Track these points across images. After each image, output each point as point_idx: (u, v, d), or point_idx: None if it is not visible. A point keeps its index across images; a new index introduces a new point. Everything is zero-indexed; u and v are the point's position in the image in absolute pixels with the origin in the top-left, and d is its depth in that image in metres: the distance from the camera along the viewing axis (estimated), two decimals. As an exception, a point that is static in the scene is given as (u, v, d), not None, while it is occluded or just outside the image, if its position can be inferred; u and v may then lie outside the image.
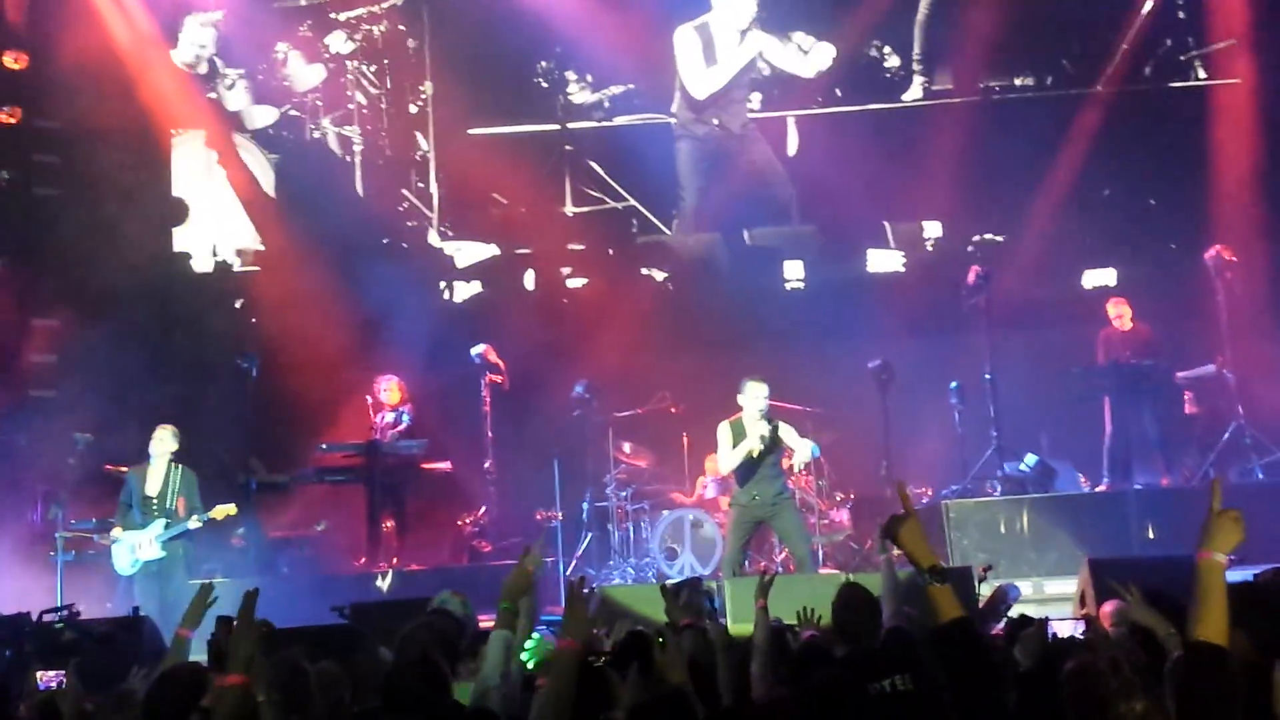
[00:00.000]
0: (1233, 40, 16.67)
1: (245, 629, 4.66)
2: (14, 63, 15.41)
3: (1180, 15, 17.05)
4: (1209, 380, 14.54)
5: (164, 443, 12.27)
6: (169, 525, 12.01)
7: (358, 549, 14.25)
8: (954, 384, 14.59)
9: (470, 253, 17.31)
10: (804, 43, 17.23)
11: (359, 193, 17.35)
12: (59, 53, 15.67)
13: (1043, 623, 5.62)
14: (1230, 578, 3.88)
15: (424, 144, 17.39)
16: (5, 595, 10.40)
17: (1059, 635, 5.80)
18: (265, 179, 17.31)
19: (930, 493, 14.41)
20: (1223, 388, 14.37)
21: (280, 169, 17.27)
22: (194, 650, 6.05)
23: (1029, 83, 17.29)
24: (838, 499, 14.34)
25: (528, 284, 17.16)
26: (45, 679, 6.09)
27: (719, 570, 12.93)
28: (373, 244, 16.95)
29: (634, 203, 17.31)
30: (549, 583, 13.47)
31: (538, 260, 17.25)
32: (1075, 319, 15.21)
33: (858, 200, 16.99)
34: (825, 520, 14.18)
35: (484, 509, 14.94)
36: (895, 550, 10.99)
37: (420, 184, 17.41)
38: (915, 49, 17.23)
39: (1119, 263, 16.58)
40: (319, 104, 17.38)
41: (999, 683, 4.26)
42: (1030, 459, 14.31)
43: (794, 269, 17.02)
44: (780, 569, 12.92)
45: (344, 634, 9.02)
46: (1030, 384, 14.92)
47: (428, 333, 15.70)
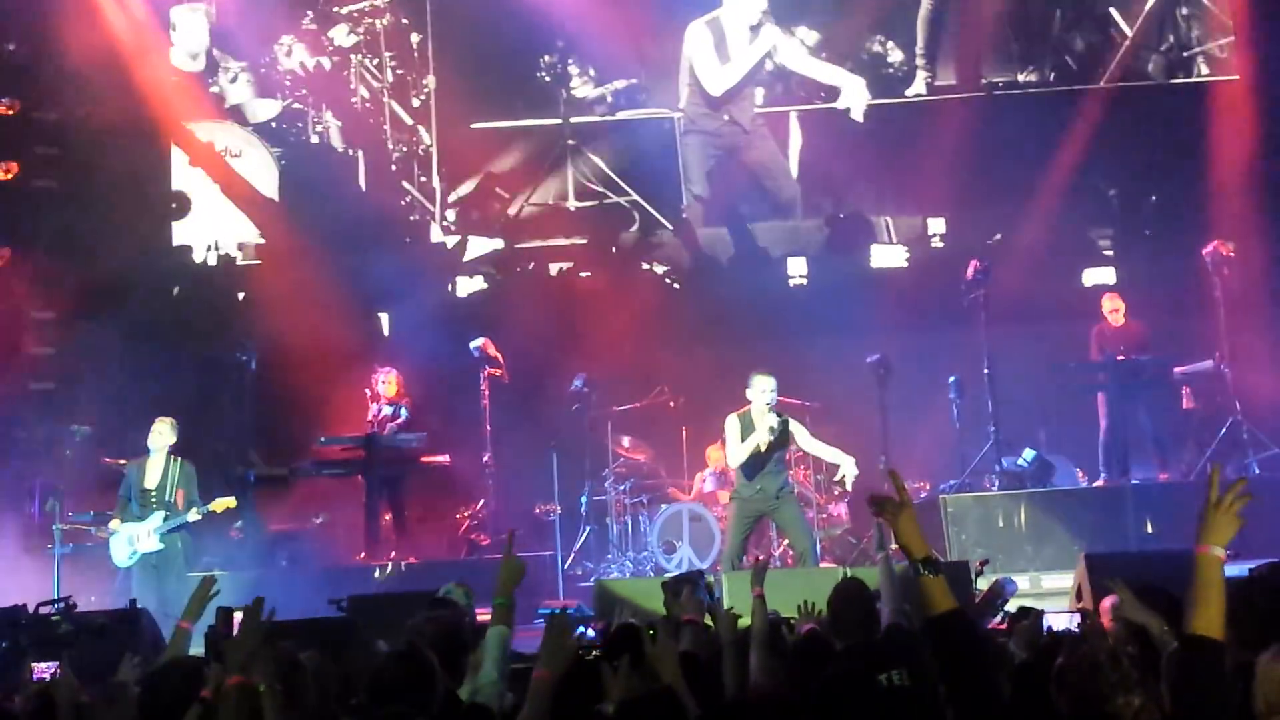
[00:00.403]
0: (1231, 37, 16.68)
1: (250, 633, 4.66)
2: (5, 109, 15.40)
3: (1183, 11, 17.05)
4: (1207, 375, 14.53)
5: (163, 435, 12.27)
6: (168, 518, 12.01)
7: (356, 542, 14.24)
8: (952, 379, 14.59)
9: (472, 247, 17.30)
10: (808, 38, 17.20)
11: (361, 186, 17.32)
12: (58, 45, 15.65)
13: (1038, 614, 5.62)
14: (1227, 572, 3.89)
15: (426, 138, 17.38)
16: (2, 588, 10.39)
17: (1054, 628, 5.79)
18: (268, 172, 17.30)
19: (928, 487, 14.41)
20: (1220, 383, 14.38)
21: (282, 162, 17.26)
22: (195, 643, 6.06)
23: (1032, 79, 17.27)
24: (836, 493, 14.33)
25: (529, 278, 17.14)
26: (39, 670, 6.08)
27: (717, 564, 12.94)
28: (375, 238, 16.95)
29: (636, 197, 17.29)
30: (548, 576, 13.50)
31: (539, 255, 17.24)
32: (1075, 315, 15.19)
33: (860, 196, 16.99)
34: (824, 514, 14.19)
35: (482, 502, 14.94)
36: (893, 545, 11.03)
37: (423, 178, 17.40)
38: (918, 44, 17.21)
39: (1119, 259, 16.58)
40: (321, 97, 17.37)
41: (992, 674, 4.26)
42: (1028, 454, 14.32)
43: (797, 265, 16.99)
44: (778, 562, 12.95)
45: (339, 627, 9.04)
46: (1029, 379, 14.92)
47: (429, 326, 15.69)
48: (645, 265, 17.25)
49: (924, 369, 14.89)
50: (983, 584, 10.62)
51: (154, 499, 12.12)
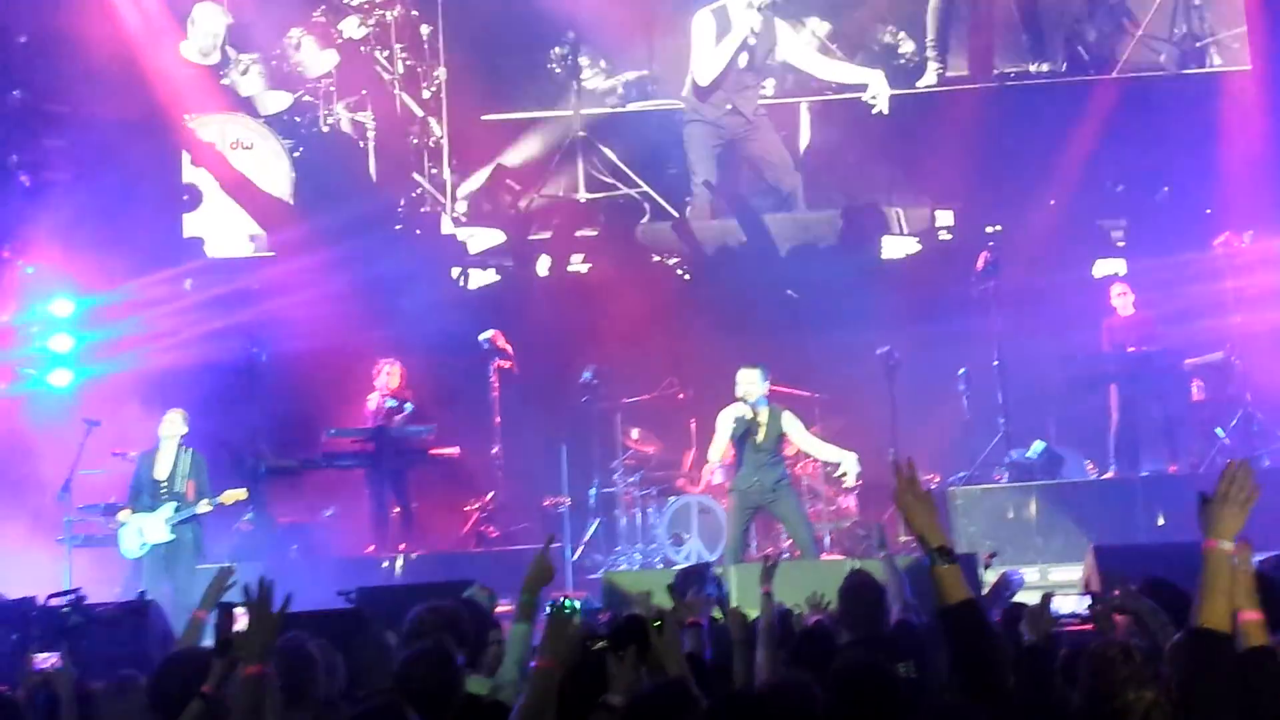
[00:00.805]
0: (1241, 28, 16.60)
1: (262, 619, 4.56)
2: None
3: (1195, 1, 16.96)
4: (1217, 367, 14.50)
5: (174, 425, 12.29)
6: (179, 509, 12.03)
7: (366, 534, 14.24)
8: (962, 370, 14.57)
9: (483, 239, 17.29)
10: (819, 29, 17.15)
11: (372, 178, 17.31)
12: (69, 37, 15.65)
13: (1047, 596, 5.62)
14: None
15: (437, 130, 17.36)
16: (12, 579, 10.42)
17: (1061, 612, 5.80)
18: (280, 165, 17.29)
19: (937, 479, 14.38)
20: (1230, 374, 14.34)
21: (294, 155, 17.25)
22: (211, 633, 6.04)
23: (1044, 69, 17.20)
24: (837, 476, 14.29)
25: (540, 270, 17.14)
26: (39, 661, 6.07)
27: (722, 558, 12.95)
28: (386, 230, 16.94)
29: (647, 189, 17.26)
30: (556, 568, 13.46)
31: (550, 246, 17.22)
32: (1085, 306, 15.15)
33: (871, 187, 16.93)
34: (832, 507, 14.17)
35: (492, 495, 14.93)
36: (902, 539, 11.01)
37: (433, 169, 17.39)
38: (930, 35, 17.14)
39: (1130, 250, 16.50)
40: (333, 90, 17.35)
41: (1003, 665, 4.25)
42: (1037, 446, 14.29)
43: (806, 261, 16.89)
44: (788, 554, 12.94)
45: (348, 618, 9.04)
46: (1039, 371, 14.88)
47: (440, 319, 15.67)
48: (656, 257, 17.21)
49: (933, 360, 14.86)
50: (990, 577, 10.63)
51: (164, 490, 12.14)
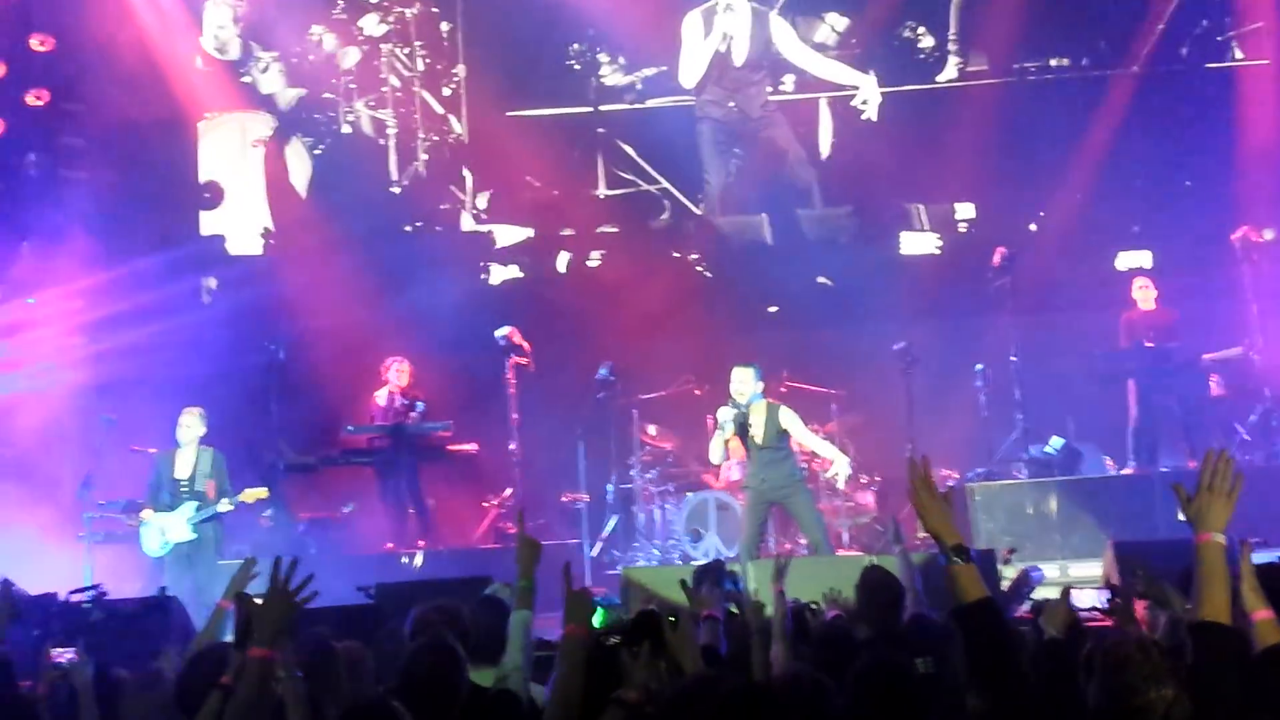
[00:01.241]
0: (1259, 24, 16.53)
1: (274, 599, 4.56)
2: (40, 45, 15.46)
3: (1217, -6, 16.88)
4: (1236, 362, 14.45)
5: (191, 429, 12.34)
6: (200, 508, 12.07)
7: (386, 530, 14.28)
8: (979, 366, 14.55)
9: (503, 235, 17.30)
10: (837, 24, 17.10)
11: (392, 176, 17.33)
12: (86, 35, 15.71)
13: (1066, 591, 5.64)
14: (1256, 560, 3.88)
15: (457, 127, 17.38)
16: (33, 575, 10.46)
17: (1081, 605, 5.82)
18: (300, 163, 17.33)
19: (956, 475, 14.37)
20: (1250, 369, 14.30)
21: (314, 152, 17.29)
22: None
23: (1064, 63, 17.10)
24: (862, 481, 14.30)
25: (560, 267, 17.14)
26: (57, 655, 6.11)
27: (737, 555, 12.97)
28: (406, 227, 16.95)
29: (667, 185, 17.25)
30: (575, 565, 13.48)
31: (569, 243, 17.22)
32: (1106, 301, 15.09)
33: (890, 182, 16.89)
34: (850, 503, 14.16)
35: (509, 491, 14.95)
36: (920, 536, 11.00)
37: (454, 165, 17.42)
38: (951, 29, 17.07)
39: (1154, 243, 16.38)
40: (353, 87, 17.37)
41: (1020, 664, 4.26)
42: (1056, 442, 14.26)
43: (823, 256, 16.86)
44: (805, 550, 12.94)
45: (368, 614, 9.09)
46: (1057, 366, 14.85)
47: (459, 315, 15.67)
48: (675, 254, 17.18)
49: (951, 356, 14.84)
50: (1010, 572, 10.64)
51: (185, 489, 12.19)
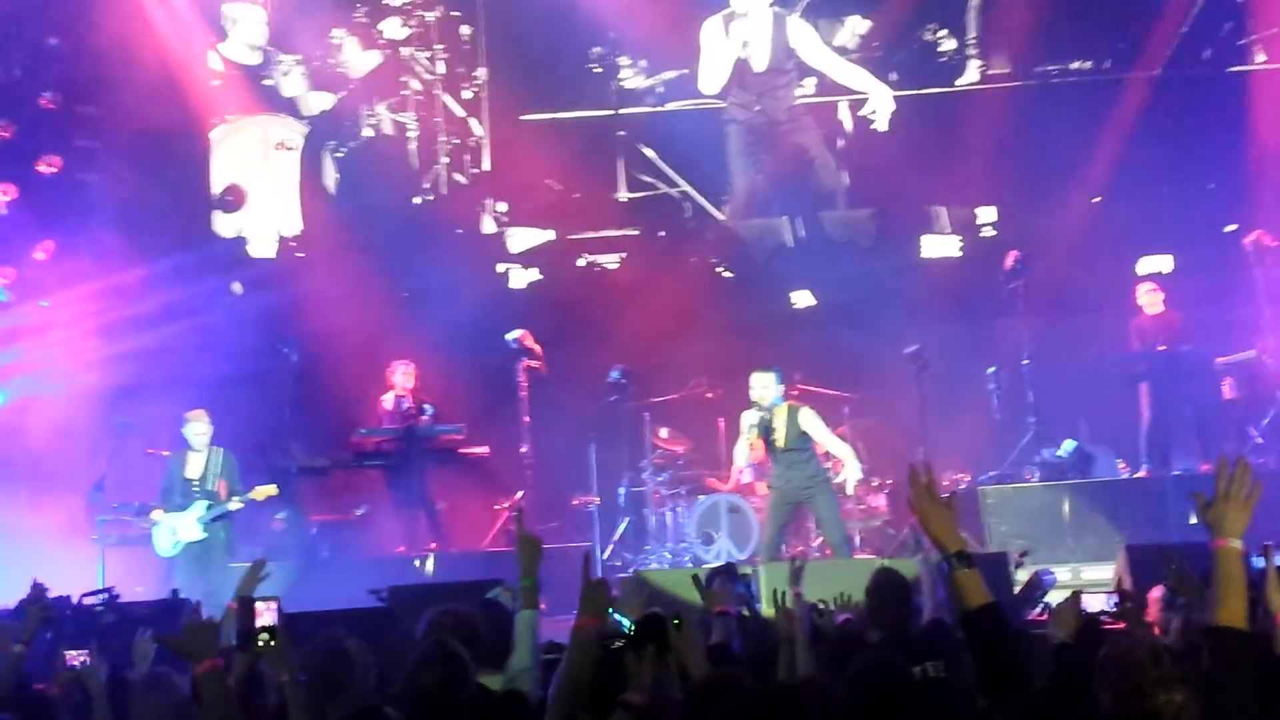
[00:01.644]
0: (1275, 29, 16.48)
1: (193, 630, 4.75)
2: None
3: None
4: (1249, 365, 14.42)
5: (201, 435, 12.45)
6: (210, 507, 12.14)
7: (397, 533, 14.30)
8: (992, 369, 14.53)
9: (523, 239, 17.30)
10: (858, 27, 17.06)
11: (413, 179, 17.31)
12: (99, 38, 15.76)
13: (1075, 595, 5.64)
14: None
15: (478, 130, 17.39)
16: (47, 578, 10.50)
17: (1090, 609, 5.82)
18: (322, 166, 17.34)
19: (968, 478, 14.36)
20: (1263, 372, 14.26)
21: (336, 156, 17.32)
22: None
23: (1086, 66, 17.04)
24: (874, 484, 14.28)
25: (578, 269, 17.12)
26: (71, 658, 6.17)
27: (755, 556, 12.96)
28: (426, 229, 16.97)
29: (687, 188, 17.22)
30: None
31: (584, 246, 17.21)
32: (1120, 304, 15.03)
33: (912, 185, 16.86)
34: (862, 506, 14.14)
35: (521, 494, 14.97)
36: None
37: (474, 169, 17.42)
38: (971, 32, 17.01)
39: (1175, 247, 16.26)
40: (374, 90, 17.42)
41: (1027, 668, 4.26)
42: (1068, 445, 14.25)
43: (839, 259, 16.77)
44: (818, 553, 12.94)
45: (379, 617, 9.11)
46: (1070, 369, 14.82)
47: (471, 318, 15.66)
48: (693, 257, 17.12)
49: (963, 359, 14.83)
50: (1022, 575, 10.63)
51: (196, 489, 12.25)
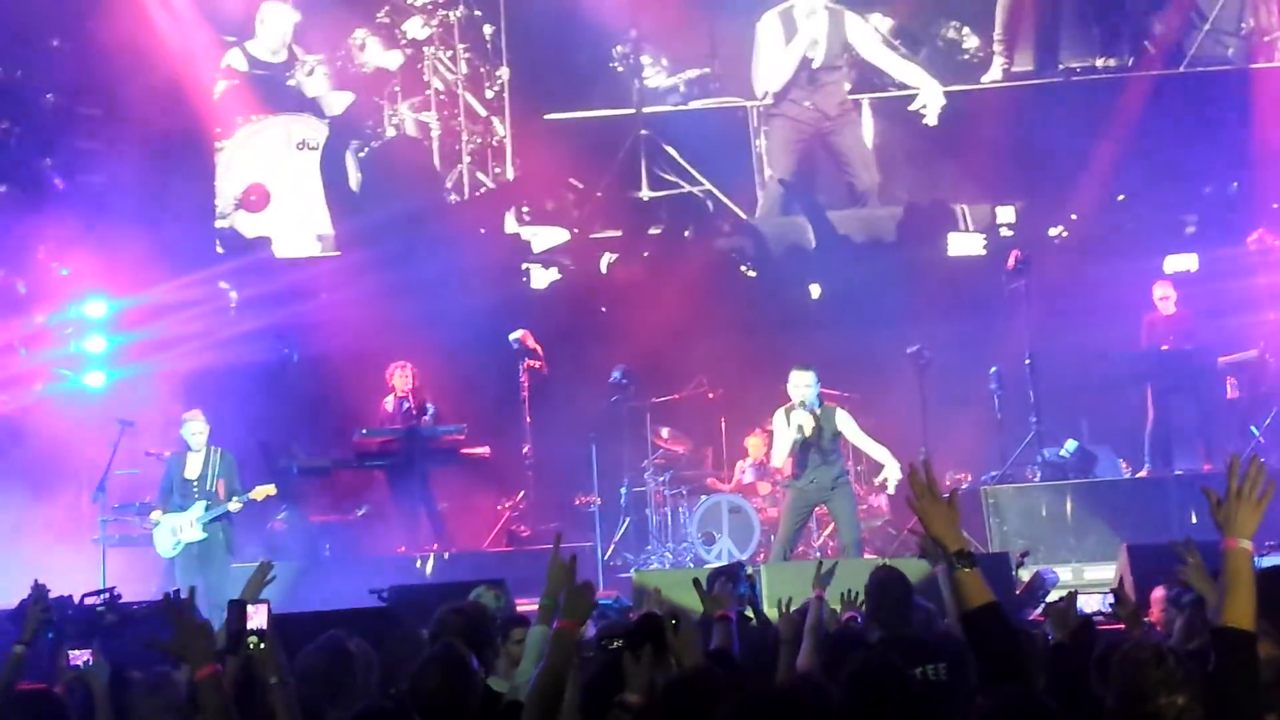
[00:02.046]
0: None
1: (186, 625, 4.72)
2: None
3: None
4: (1252, 364, 14.40)
5: (199, 435, 12.43)
6: (209, 507, 12.13)
7: (399, 533, 14.30)
8: (993, 369, 14.52)
9: (546, 238, 17.29)
10: (881, 25, 17.00)
11: (436, 178, 17.29)
12: (102, 39, 15.75)
13: (1072, 595, 5.65)
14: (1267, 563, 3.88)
15: (500, 129, 17.38)
16: (48, 579, 10.50)
17: (1086, 610, 5.86)
18: (345, 165, 17.33)
19: (969, 478, 14.35)
20: (1266, 372, 14.24)
21: (359, 155, 17.31)
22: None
23: (1110, 64, 17.03)
24: (876, 484, 14.27)
25: (602, 268, 17.08)
26: (74, 657, 6.16)
27: (757, 555, 12.97)
28: (449, 229, 16.95)
29: (710, 187, 17.19)
30: (587, 567, 13.49)
31: (601, 246, 17.19)
32: (1119, 303, 14.97)
33: (935, 183, 16.80)
34: (863, 506, 14.12)
35: (522, 494, 14.97)
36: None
37: (497, 169, 17.42)
38: (996, 30, 16.95)
39: (1198, 246, 16.11)
40: (397, 90, 17.37)
41: (1027, 668, 4.25)
42: (1070, 445, 14.24)
43: (857, 259, 16.73)
44: (818, 553, 12.94)
45: (381, 617, 9.09)
46: (1071, 369, 14.79)
47: (474, 319, 15.61)
48: (717, 255, 17.06)
49: (965, 359, 14.82)
50: (1024, 575, 10.63)
51: (195, 489, 12.25)
